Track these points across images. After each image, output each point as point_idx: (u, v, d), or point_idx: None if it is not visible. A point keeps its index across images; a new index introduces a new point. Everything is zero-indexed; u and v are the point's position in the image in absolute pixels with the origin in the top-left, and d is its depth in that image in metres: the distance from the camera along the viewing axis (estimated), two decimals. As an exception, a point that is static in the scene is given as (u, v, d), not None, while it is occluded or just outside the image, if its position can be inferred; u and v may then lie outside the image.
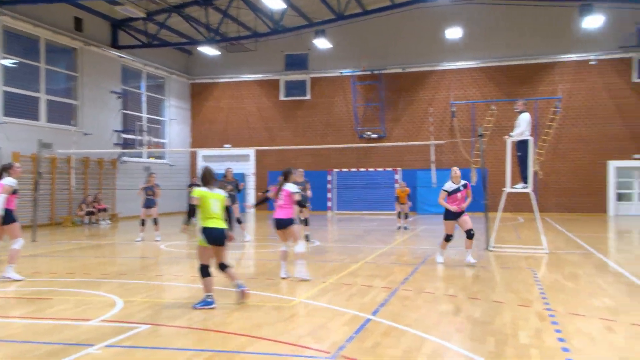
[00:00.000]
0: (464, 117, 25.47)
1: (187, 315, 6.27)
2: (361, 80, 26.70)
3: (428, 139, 24.49)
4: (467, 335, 5.45)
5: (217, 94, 29.03)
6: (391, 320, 5.98)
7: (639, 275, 8.73)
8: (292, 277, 8.52)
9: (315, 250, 12.37)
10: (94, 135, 22.18)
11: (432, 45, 25.51)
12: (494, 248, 11.95)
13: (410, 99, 26.25)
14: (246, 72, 28.36)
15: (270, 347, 5.06)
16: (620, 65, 23.73)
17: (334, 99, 27.32)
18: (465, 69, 25.51)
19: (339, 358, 4.75)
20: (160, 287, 8.18)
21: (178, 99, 28.50)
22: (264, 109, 28.29)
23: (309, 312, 6.41)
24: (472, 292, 7.56)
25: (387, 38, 26.07)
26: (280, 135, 27.83)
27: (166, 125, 27.73)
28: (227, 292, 7.64)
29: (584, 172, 24.09)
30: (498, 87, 25.08)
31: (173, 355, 4.82)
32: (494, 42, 24.88)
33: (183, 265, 10.43)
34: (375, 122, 26.60)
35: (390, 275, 8.86)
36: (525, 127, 11.54)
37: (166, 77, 27.67)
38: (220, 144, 28.46)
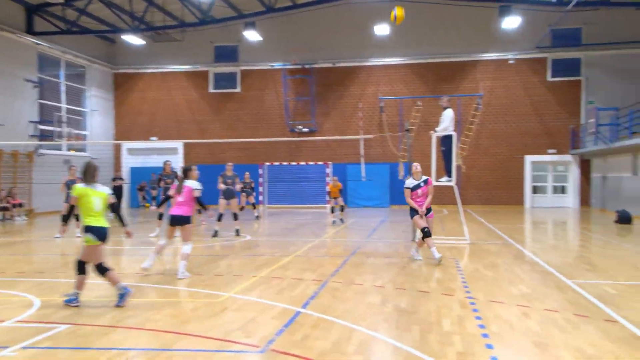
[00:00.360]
0: (392, 112, 26.08)
1: (110, 313, 6.05)
2: (292, 74, 26.70)
3: (358, 134, 24.92)
4: (393, 325, 5.60)
5: (143, 84, 28.06)
6: (321, 312, 6.05)
7: (552, 263, 9.31)
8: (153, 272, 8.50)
9: (245, 244, 12.28)
10: (7, 127, 20.83)
11: (362, 41, 25.90)
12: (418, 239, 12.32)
13: (340, 93, 26.54)
14: (173, 62, 27.60)
15: (198, 344, 4.99)
16: (536, 65, 25.13)
17: (265, 92, 27.15)
18: (393, 65, 26.11)
19: (268, 352, 4.75)
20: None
21: (100, 89, 27.28)
22: (192, 101, 27.67)
23: (238, 307, 6.36)
24: (399, 282, 7.78)
25: (317, 32, 26.20)
26: (210, 128, 27.34)
27: (87, 116, 26.50)
28: (152, 288, 7.44)
29: (503, 166, 25.36)
30: (424, 83, 25.86)
31: (94, 356, 4.64)
32: (420, 40, 25.61)
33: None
34: (306, 116, 26.70)
35: (320, 268, 8.95)
36: (449, 123, 11.98)
37: (87, 66, 26.42)
38: (146, 137, 27.57)
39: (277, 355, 4.65)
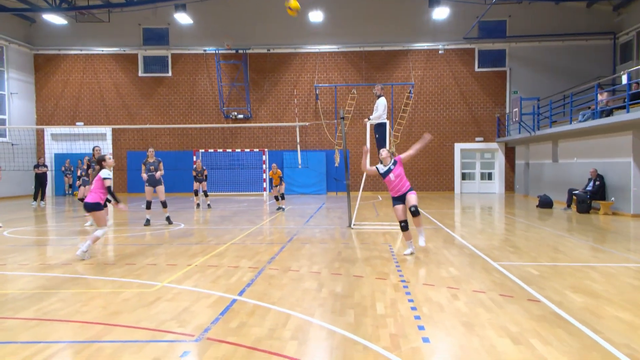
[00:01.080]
0: (328, 99, 26.23)
1: (35, 305, 5.78)
2: (225, 59, 26.24)
3: (294, 121, 24.91)
4: (329, 310, 5.69)
5: (66, 67, 26.71)
6: (257, 299, 6.05)
7: (479, 247, 9.74)
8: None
9: (179, 232, 12.03)
10: None
11: (296, 28, 25.82)
12: (355, 226, 12.56)
13: (275, 80, 26.38)
14: (99, 44, 26.43)
15: (129, 335, 4.86)
16: (464, 55, 25.99)
17: (198, 77, 26.56)
18: (328, 53, 26.21)
19: (203, 340, 4.70)
20: (3, 277, 7.42)
21: (19, 70, 25.73)
22: (121, 84, 26.64)
23: (172, 297, 6.24)
24: (334, 268, 7.89)
25: (251, 17, 25.85)
26: (141, 114, 26.47)
27: (5, 99, 24.95)
28: (81, 279, 7.17)
29: (434, 154, 26.17)
30: (358, 72, 26.15)
31: (18, 349, 4.42)
32: (353, 28, 25.84)
33: (30, 252, 9.55)
34: (241, 103, 26.38)
35: (257, 256, 8.93)
36: (383, 111, 12.20)
37: (4, 46, 24.82)
38: (71, 122, 26.33)
39: (213, 344, 4.61)
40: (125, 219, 15.27)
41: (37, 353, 4.39)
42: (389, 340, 4.72)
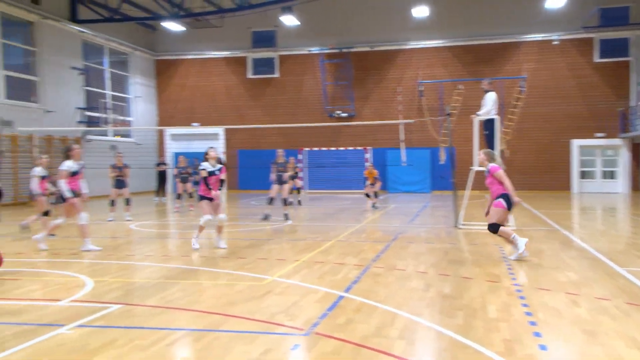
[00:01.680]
0: (432, 96, 25.70)
1: (159, 294, 6.24)
2: (330, 58, 26.58)
3: (397, 118, 24.68)
4: (437, 310, 5.58)
5: (183, 71, 28.48)
6: (363, 297, 6.07)
7: (601, 250, 9.05)
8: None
9: (287, 229, 12.39)
10: (56, 113, 21.55)
11: (400, 24, 25.53)
12: (463, 225, 12.20)
13: (379, 77, 26.29)
14: (212, 48, 27.87)
15: (243, 325, 5.08)
16: (582, 46, 24.25)
17: (303, 77, 27.15)
18: (432, 48, 25.65)
19: (312, 335, 4.80)
20: (132, 267, 8.09)
21: (143, 76, 27.85)
22: (231, 86, 27.92)
23: (282, 290, 6.45)
24: (441, 268, 7.72)
25: (355, 16, 25.95)
26: (249, 114, 27.57)
27: (131, 102, 27.13)
28: (200, 271, 7.62)
29: (549, 151, 24.69)
30: (464, 66, 25.33)
31: (146, 335, 4.79)
32: (460, 21, 25.05)
33: (153, 244, 10.33)
34: (345, 101, 26.59)
35: (361, 253, 8.97)
36: (492, 106, 11.73)
37: (130, 53, 26.98)
38: (187, 123, 28.03)
39: (321, 339, 4.70)
40: (236, 214, 15.99)
41: (162, 338, 4.73)
42: (502, 345, 4.53)
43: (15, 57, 20.85)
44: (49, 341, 4.61)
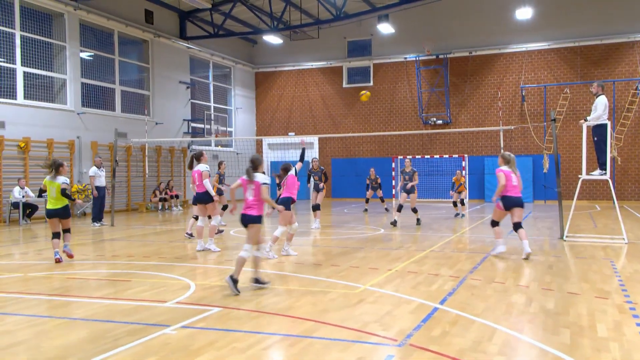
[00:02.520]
0: (535, 101, 24.49)
1: (256, 299, 6.43)
2: (425, 65, 26.19)
3: (496, 125, 23.77)
4: (539, 327, 5.27)
5: (281, 82, 29.34)
6: (459, 309, 5.88)
7: None
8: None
9: (379, 237, 12.32)
10: (165, 125, 23.05)
11: (501, 27, 24.62)
12: (568, 237, 11.48)
13: (477, 83, 25.50)
14: (309, 59, 28.46)
15: (336, 333, 5.10)
16: None
17: (397, 84, 26.96)
18: (536, 51, 24.46)
19: (406, 346, 4.72)
20: (229, 272, 8.40)
21: (243, 87, 29.05)
22: (327, 96, 28.34)
23: (375, 299, 6.40)
24: (544, 282, 7.30)
25: (452, 21, 25.39)
26: (344, 123, 27.82)
27: (232, 113, 28.37)
28: (292, 277, 7.77)
29: (668, 158, 22.62)
30: (572, 69, 23.89)
31: (243, 338, 4.96)
32: (567, 21, 23.68)
33: (250, 250, 10.67)
34: (440, 108, 26.05)
35: (457, 264, 8.71)
36: (603, 111, 10.96)
37: (232, 67, 28.26)
38: (284, 132, 28.82)
39: (416, 350, 4.61)
40: (329, 222, 16.15)
41: (258, 342, 4.87)
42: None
43: (130, 73, 22.59)
44: (156, 340, 4.91)
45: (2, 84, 16.94)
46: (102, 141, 19.72)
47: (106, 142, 19.71)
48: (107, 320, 5.58)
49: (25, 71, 17.63)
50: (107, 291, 7.06)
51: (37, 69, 18.10)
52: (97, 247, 11.40)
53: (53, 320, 5.62)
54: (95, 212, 15.70)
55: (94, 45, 20.47)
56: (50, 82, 18.85)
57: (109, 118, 20.48)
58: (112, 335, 5.06)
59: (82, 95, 19.56)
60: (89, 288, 7.30)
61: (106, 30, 20.93)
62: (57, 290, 7.04)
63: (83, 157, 19.22)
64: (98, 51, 20.64)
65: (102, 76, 20.77)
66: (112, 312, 5.96)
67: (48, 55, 18.58)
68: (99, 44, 20.75)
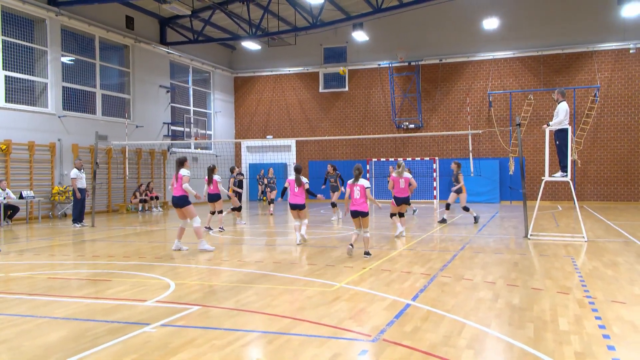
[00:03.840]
0: (502, 106, 24.88)
1: (235, 297, 6.40)
2: (398, 71, 26.39)
3: (465, 129, 24.08)
4: (506, 321, 5.36)
5: (259, 87, 29.22)
6: (430, 305, 5.94)
7: (681, 264, 8.37)
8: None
9: (354, 237, 12.34)
10: (145, 128, 22.74)
11: (469, 36, 24.96)
12: (532, 236, 11.69)
13: (447, 89, 25.80)
14: (286, 65, 28.41)
15: (313, 330, 5.11)
16: (662, 53, 22.66)
17: (372, 90, 27.11)
18: (502, 59, 24.87)
19: (380, 341, 4.75)
20: (209, 271, 8.35)
21: (222, 92, 28.85)
22: (304, 100, 28.33)
23: (350, 297, 6.43)
24: (510, 279, 7.42)
25: (424, 29, 25.65)
26: (320, 126, 27.84)
27: (211, 117, 28.15)
28: (272, 276, 7.74)
29: (624, 161, 23.20)
30: (535, 76, 24.35)
31: (223, 335, 4.92)
32: (531, 31, 24.13)
33: (229, 250, 10.62)
34: (413, 113, 26.28)
35: (429, 262, 8.79)
36: (564, 117, 11.20)
37: (211, 72, 28.04)
38: (262, 135, 28.71)
39: (389, 345, 4.64)
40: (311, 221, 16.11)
41: (237, 339, 4.84)
42: (573, 358, 4.29)
43: (111, 77, 22.23)
44: (136, 338, 4.84)
45: (-17, 87, 16.51)
46: (83, 144, 19.36)
47: (87, 144, 19.36)
48: (88, 320, 5.48)
49: (7, 75, 17.21)
50: (88, 291, 6.94)
51: (19, 72, 17.69)
52: (77, 247, 11.19)
53: (34, 319, 5.50)
54: (75, 214, 15.40)
55: (75, 50, 20.10)
56: (32, 85, 18.44)
57: (90, 121, 20.12)
58: (93, 334, 4.97)
59: (63, 99, 19.18)
60: (70, 288, 7.16)
61: (87, 35, 20.57)
62: (38, 290, 6.89)
63: (64, 160, 18.85)
64: (79, 56, 20.28)
65: (83, 80, 20.40)
66: (93, 311, 5.86)
67: (30, 59, 18.18)
68: (80, 49, 20.39)
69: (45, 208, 18.08)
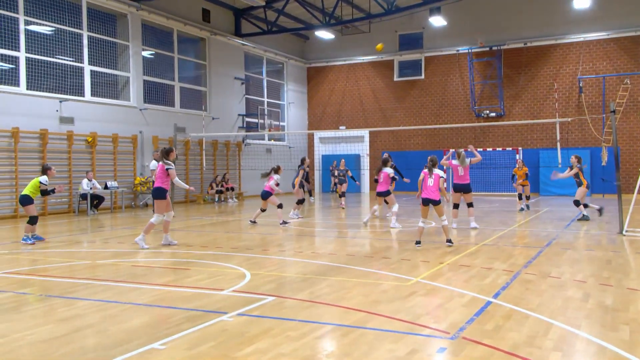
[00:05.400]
0: (593, 92, 23.44)
1: (308, 289, 6.49)
2: (478, 57, 25.52)
3: (552, 117, 22.93)
4: (597, 322, 5.08)
5: (332, 76, 29.30)
6: (513, 304, 5.73)
7: None
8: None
9: (433, 230, 12.16)
10: (220, 120, 23.51)
11: (557, 17, 23.67)
12: (628, 232, 10.97)
13: (531, 74, 24.65)
14: (360, 54, 28.27)
15: (388, 324, 5.08)
16: None
17: (449, 77, 26.41)
18: (594, 41, 23.38)
19: (459, 339, 4.65)
20: (283, 262, 8.53)
21: (295, 83, 29.21)
22: (377, 90, 28.10)
23: (427, 292, 6.33)
24: (602, 278, 7.01)
25: (506, 12, 24.61)
26: (394, 116, 27.53)
27: (285, 108, 28.60)
28: (344, 268, 7.78)
29: None
30: (633, 58, 22.71)
31: (297, 326, 5.01)
32: (627, 9, 22.48)
33: (302, 241, 10.79)
34: (493, 100, 25.35)
35: (511, 258, 8.48)
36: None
37: (284, 62, 28.46)
38: (335, 126, 28.81)
39: (468, 344, 4.53)
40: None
41: (312, 331, 4.91)
42: (676, 368, 3.99)
43: (188, 70, 23.15)
44: (213, 326, 5.04)
45: (72, 82, 17.73)
46: (163, 136, 20.32)
47: (166, 136, 20.30)
48: (169, 307, 5.77)
49: (92, 70, 18.37)
50: (168, 278, 7.30)
51: (103, 67, 18.83)
52: (158, 237, 11.79)
53: (119, 305, 5.87)
54: (156, 204, 16.20)
55: (154, 44, 21.09)
56: (115, 79, 19.58)
57: (169, 113, 21.08)
58: (173, 320, 5.23)
59: (144, 92, 20.21)
60: (152, 275, 7.57)
61: (166, 29, 21.51)
62: (122, 277, 7.34)
63: (145, 151, 19.88)
64: (158, 49, 21.25)
65: (162, 73, 21.39)
66: (173, 298, 6.16)
67: (113, 54, 19.29)
68: (159, 43, 21.36)
69: (128, 198, 19.19)
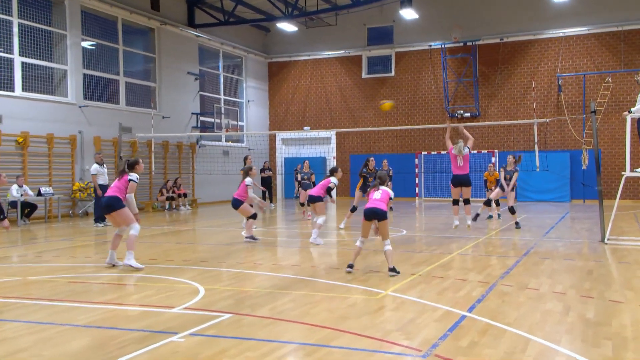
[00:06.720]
0: (573, 91, 24.19)
1: (269, 304, 6.46)
2: (452, 53, 26.01)
3: (530, 117, 23.54)
4: (578, 337, 5.22)
5: (296, 73, 29.34)
6: (489, 318, 5.84)
7: None
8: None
9: (402, 239, 12.29)
10: (172, 119, 23.21)
11: (536, 11, 24.35)
12: (610, 240, 11.33)
13: (508, 72, 25.27)
14: (326, 48, 28.42)
15: (356, 342, 5.10)
16: None
17: (421, 75, 26.82)
18: (575, 37, 24.15)
19: (432, 357, 4.70)
20: (242, 275, 8.46)
21: (256, 79, 29.12)
22: (345, 87, 28.28)
23: (397, 306, 6.39)
24: (584, 289, 7.22)
25: (482, 5, 25.19)
26: (363, 116, 27.76)
27: (244, 107, 28.47)
28: (308, 281, 7.78)
29: None
30: (615, 55, 23.54)
31: (257, 346, 4.98)
32: (610, 3, 23.32)
33: (263, 253, 10.73)
34: (468, 100, 25.87)
35: (487, 269, 8.64)
36: (648, 102, 10.79)
37: (243, 57, 28.35)
38: (299, 127, 28.84)
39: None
40: (349, 222, 16.12)
41: (272, 351, 4.88)
42: (659, 383, 4.13)
43: (135, 64, 22.78)
44: (163, 348, 4.95)
45: (0, 75, 17.21)
46: (106, 136, 19.93)
47: (110, 137, 19.91)
48: (112, 327, 5.64)
49: (24, 61, 17.86)
50: (112, 296, 7.14)
51: (36, 59, 18.33)
52: (100, 248, 11.53)
53: (55, 326, 5.70)
54: (98, 212, 15.86)
55: (96, 34, 20.66)
56: (50, 73, 19.09)
57: (113, 111, 20.68)
58: (117, 342, 5.11)
59: (84, 88, 19.77)
60: (93, 293, 7.39)
61: (110, 17, 21.12)
62: (58, 295, 7.14)
63: (85, 154, 19.44)
64: (101, 40, 20.84)
65: (105, 67, 20.98)
66: (117, 318, 6.03)
67: (48, 45, 18.81)
68: (101, 33, 20.94)
69: (66, 206, 18.71)
